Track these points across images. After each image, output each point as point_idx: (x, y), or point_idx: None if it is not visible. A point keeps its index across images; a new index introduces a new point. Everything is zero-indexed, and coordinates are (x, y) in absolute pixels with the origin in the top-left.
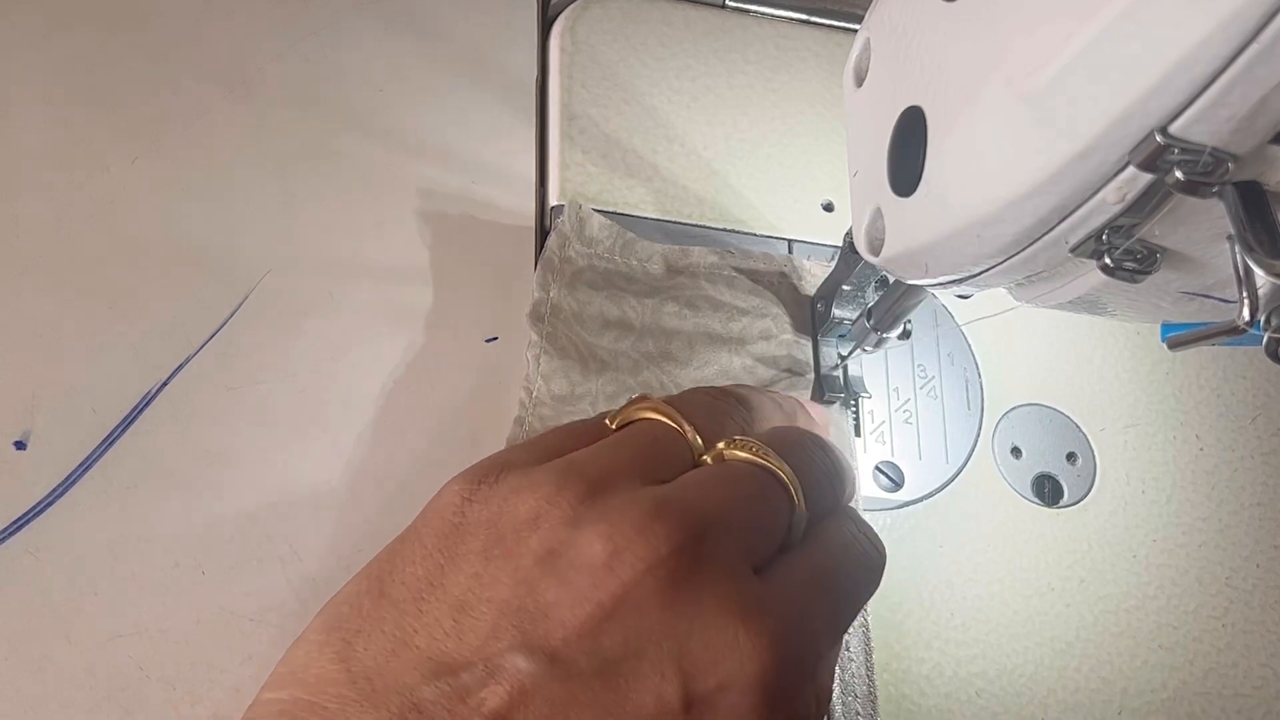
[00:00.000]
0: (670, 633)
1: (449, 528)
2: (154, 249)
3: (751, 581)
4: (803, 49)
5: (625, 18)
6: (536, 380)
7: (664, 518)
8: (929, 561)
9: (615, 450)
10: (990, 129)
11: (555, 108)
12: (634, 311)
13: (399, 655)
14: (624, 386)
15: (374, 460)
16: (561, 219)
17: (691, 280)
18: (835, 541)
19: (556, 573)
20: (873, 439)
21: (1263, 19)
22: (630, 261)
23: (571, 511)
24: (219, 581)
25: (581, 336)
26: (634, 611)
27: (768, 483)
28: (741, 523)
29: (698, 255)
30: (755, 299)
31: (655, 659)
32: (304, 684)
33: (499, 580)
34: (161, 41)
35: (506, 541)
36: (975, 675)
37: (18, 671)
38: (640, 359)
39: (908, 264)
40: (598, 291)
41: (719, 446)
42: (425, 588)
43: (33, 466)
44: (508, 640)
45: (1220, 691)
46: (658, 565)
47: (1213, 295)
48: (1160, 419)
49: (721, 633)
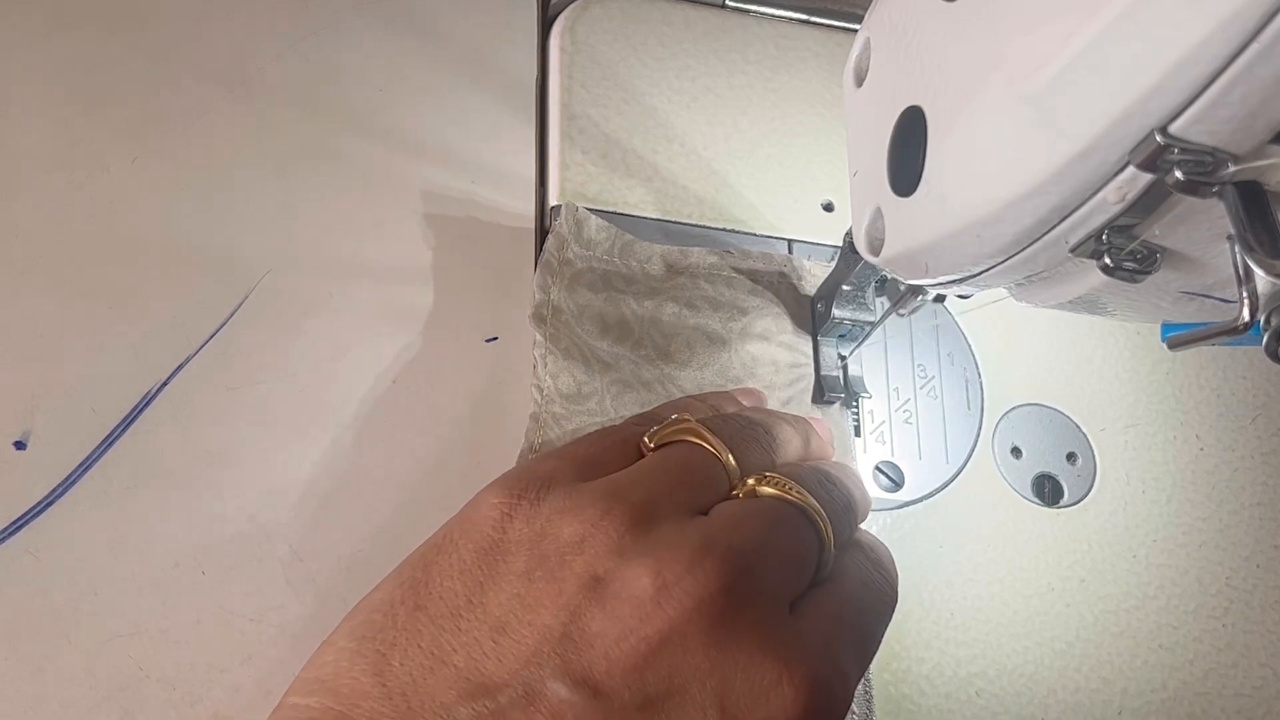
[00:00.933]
0: (714, 671)
1: (489, 543)
2: (154, 249)
3: (790, 621)
4: (803, 49)
5: (625, 18)
6: (545, 379)
7: (712, 554)
8: (929, 561)
9: (656, 475)
10: (990, 129)
11: (555, 108)
12: (633, 314)
13: (435, 672)
14: (628, 386)
15: (374, 460)
16: (559, 221)
17: (691, 281)
18: (857, 578)
19: (602, 602)
20: (873, 439)
21: (1263, 19)
22: (629, 263)
23: (618, 539)
24: (219, 581)
25: (582, 339)
26: (679, 648)
27: (800, 521)
28: (780, 561)
29: (697, 256)
30: (755, 299)
31: (698, 697)
32: (336, 694)
33: (541, 604)
34: (161, 41)
35: (550, 563)
36: (975, 675)
37: (18, 671)
38: (640, 360)
39: (908, 264)
40: (597, 294)
41: (750, 482)
42: (464, 605)
43: (33, 466)
44: (550, 667)
45: (1220, 691)
46: (706, 602)
47: (1213, 295)
48: (1160, 419)
49: (765, 674)
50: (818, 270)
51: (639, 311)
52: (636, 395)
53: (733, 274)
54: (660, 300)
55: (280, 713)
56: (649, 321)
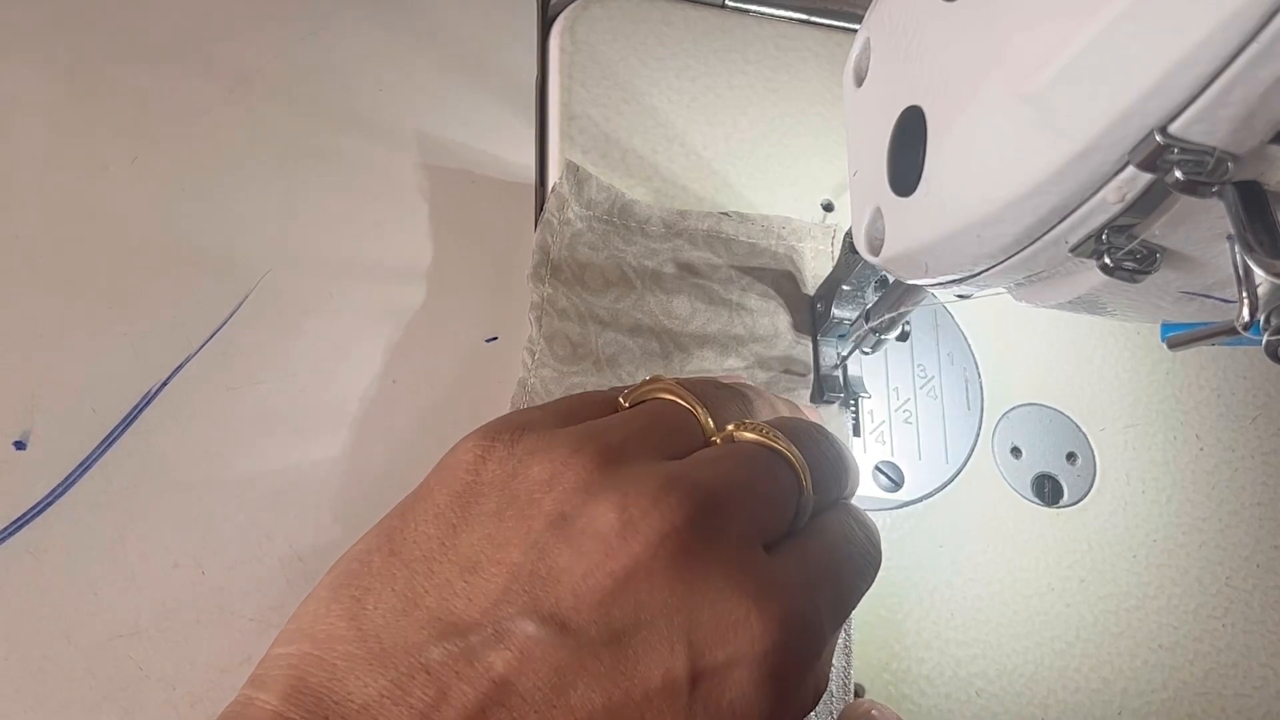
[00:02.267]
0: (681, 606)
1: (462, 486)
2: (154, 249)
3: (763, 560)
4: (803, 49)
5: (625, 18)
6: (539, 341)
7: (677, 489)
8: (929, 561)
9: (631, 422)
10: (990, 129)
11: (555, 108)
12: (634, 272)
13: (408, 614)
14: (623, 348)
15: (374, 460)
16: (559, 180)
17: (689, 243)
18: (838, 533)
19: (568, 539)
20: (873, 439)
21: (1263, 19)
22: (629, 223)
23: (586, 476)
24: (219, 581)
25: (582, 296)
26: (645, 582)
27: (777, 464)
28: (753, 499)
29: (695, 220)
30: (755, 260)
31: (665, 631)
32: (313, 639)
33: (510, 542)
34: (161, 41)
35: (520, 502)
36: (975, 675)
37: (18, 671)
38: (641, 316)
39: (908, 264)
40: (597, 252)
41: (729, 428)
42: (437, 547)
43: (33, 466)
44: (518, 604)
45: (1220, 691)
46: (670, 536)
47: (1213, 295)
48: (1160, 419)
49: (733, 609)
50: (818, 231)
51: (640, 270)
52: (633, 353)
53: (731, 237)
54: (661, 260)
55: (264, 664)
56: (651, 278)
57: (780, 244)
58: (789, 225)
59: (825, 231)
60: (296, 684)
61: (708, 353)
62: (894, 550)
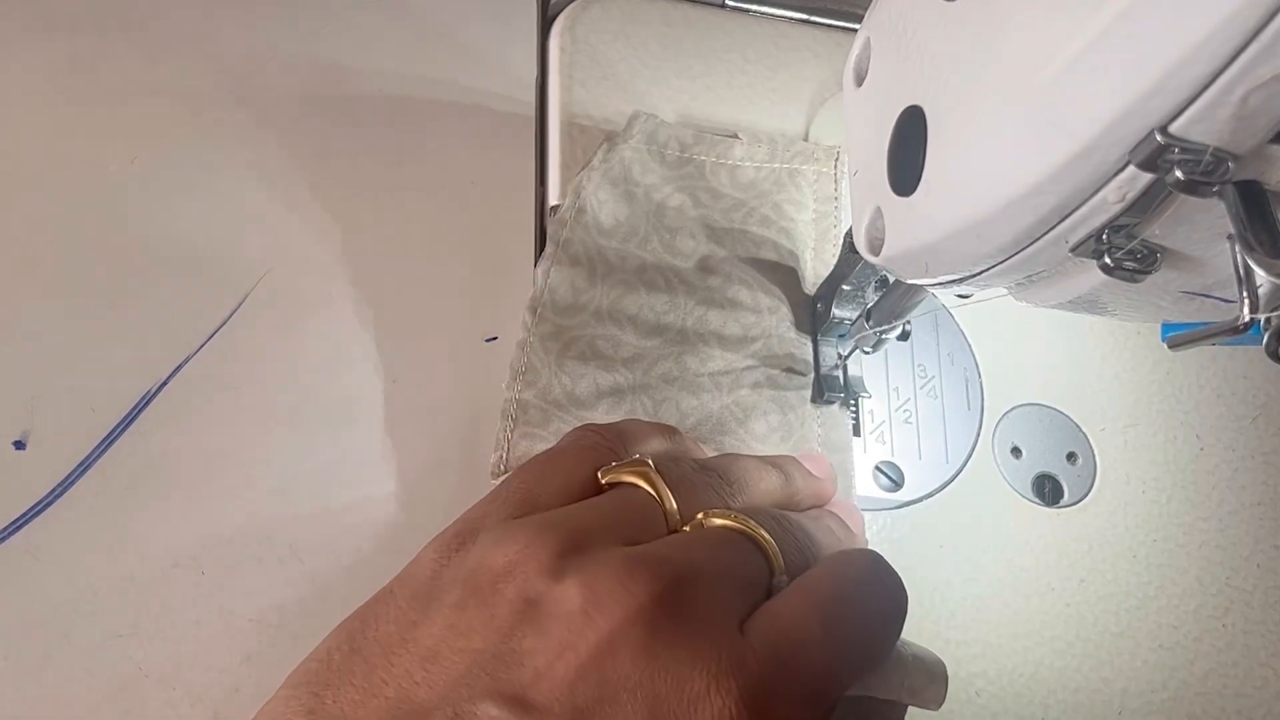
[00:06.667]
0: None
1: (423, 587)
2: (154, 249)
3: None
4: (803, 49)
5: (625, 18)
6: (545, 293)
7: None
8: (929, 561)
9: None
10: (990, 129)
11: (555, 108)
12: (642, 211)
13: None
14: (630, 287)
15: (374, 460)
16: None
17: (697, 170)
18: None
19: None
20: (873, 439)
21: (1263, 19)
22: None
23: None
24: (219, 581)
25: (594, 238)
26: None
27: (746, 545)
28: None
29: (708, 144)
30: (754, 190)
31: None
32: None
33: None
34: (161, 41)
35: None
36: (975, 675)
37: (18, 671)
38: (645, 255)
39: (908, 263)
40: (615, 187)
41: (698, 518)
42: (397, 643)
43: (33, 466)
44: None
45: (1220, 691)
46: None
47: (1213, 295)
48: (1160, 419)
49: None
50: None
51: (646, 206)
52: (635, 298)
53: (737, 164)
54: (668, 193)
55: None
56: (655, 213)
57: (784, 168)
58: (793, 148)
59: (828, 153)
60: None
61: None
62: (894, 550)
